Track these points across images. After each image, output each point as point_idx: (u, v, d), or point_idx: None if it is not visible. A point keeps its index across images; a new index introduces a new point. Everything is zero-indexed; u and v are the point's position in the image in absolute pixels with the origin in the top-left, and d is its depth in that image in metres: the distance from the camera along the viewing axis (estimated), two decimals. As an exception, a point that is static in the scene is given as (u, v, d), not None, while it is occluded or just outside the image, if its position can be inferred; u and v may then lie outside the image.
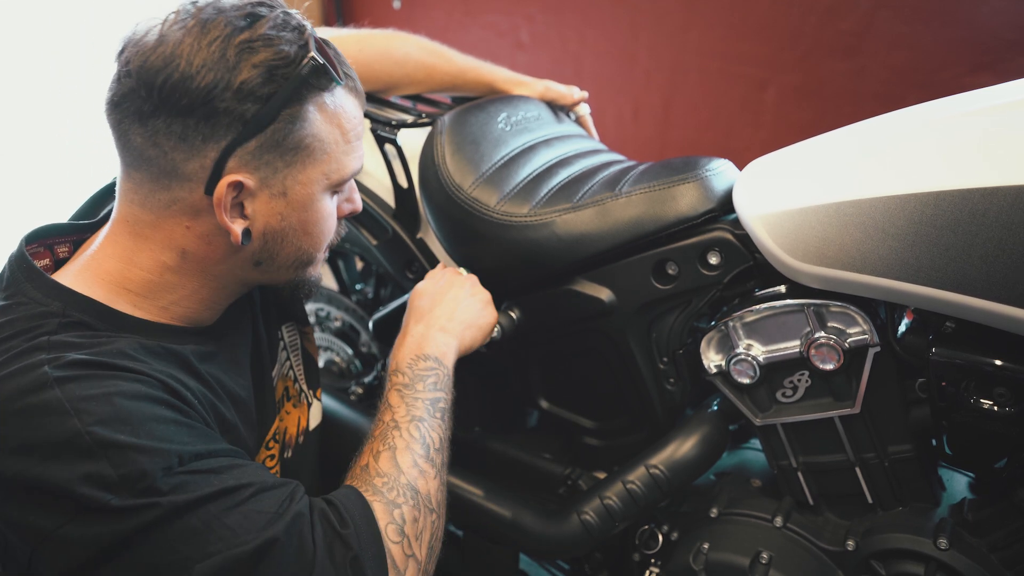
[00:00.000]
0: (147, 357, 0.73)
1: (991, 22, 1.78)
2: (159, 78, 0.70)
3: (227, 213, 0.76)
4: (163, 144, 0.73)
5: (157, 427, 0.67)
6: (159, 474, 0.65)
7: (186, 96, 0.71)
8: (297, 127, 0.76)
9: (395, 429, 0.87)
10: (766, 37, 2.10)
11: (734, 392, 0.97)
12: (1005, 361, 0.77)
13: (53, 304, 0.73)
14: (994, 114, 0.74)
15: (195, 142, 0.73)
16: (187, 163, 0.73)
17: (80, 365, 0.68)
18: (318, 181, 0.80)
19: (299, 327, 1.08)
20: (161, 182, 0.75)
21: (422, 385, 0.92)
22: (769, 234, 0.86)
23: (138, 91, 0.72)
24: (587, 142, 1.27)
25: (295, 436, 1.03)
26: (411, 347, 0.97)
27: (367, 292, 1.61)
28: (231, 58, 0.71)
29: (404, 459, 0.83)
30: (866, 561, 0.90)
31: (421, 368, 0.94)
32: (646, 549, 1.06)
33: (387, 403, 0.91)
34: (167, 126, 0.72)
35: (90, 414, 0.65)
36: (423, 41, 1.26)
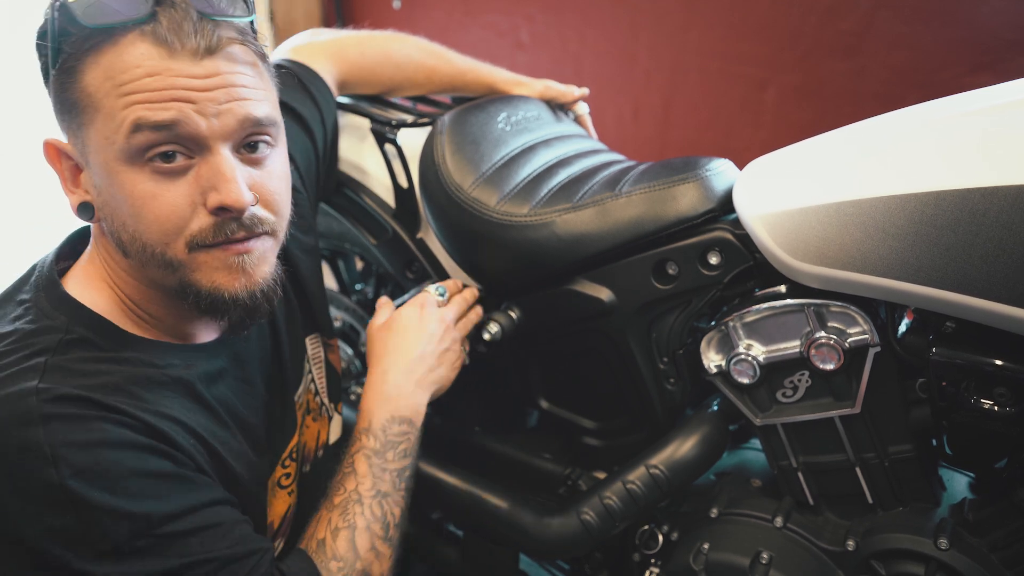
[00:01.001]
0: (145, 391, 0.70)
1: (991, 22, 1.78)
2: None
3: (68, 183, 0.73)
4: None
5: (135, 483, 0.66)
6: (124, 538, 0.64)
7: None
8: (67, 81, 0.68)
9: (358, 503, 0.84)
10: (766, 37, 2.10)
11: (734, 392, 0.97)
12: (1005, 361, 0.77)
13: (59, 318, 0.71)
14: (994, 114, 0.74)
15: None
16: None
17: (70, 402, 0.65)
18: (104, 148, 0.68)
19: (323, 339, 1.06)
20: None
21: (392, 454, 0.89)
22: (769, 234, 0.86)
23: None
24: (587, 142, 1.27)
25: (314, 450, 1.01)
26: (387, 404, 0.93)
27: (367, 292, 1.61)
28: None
29: (362, 541, 0.82)
30: (866, 561, 0.90)
31: (394, 433, 0.91)
32: (646, 549, 1.06)
33: (353, 468, 0.88)
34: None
35: (69, 464, 0.63)
36: (423, 43, 1.26)
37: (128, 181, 0.68)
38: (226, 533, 0.71)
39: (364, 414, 0.93)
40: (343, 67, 1.18)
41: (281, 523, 0.90)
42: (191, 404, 0.75)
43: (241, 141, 0.72)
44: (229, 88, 0.69)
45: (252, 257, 0.74)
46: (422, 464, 1.17)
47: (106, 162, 0.68)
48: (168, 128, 0.67)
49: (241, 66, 0.71)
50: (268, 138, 0.75)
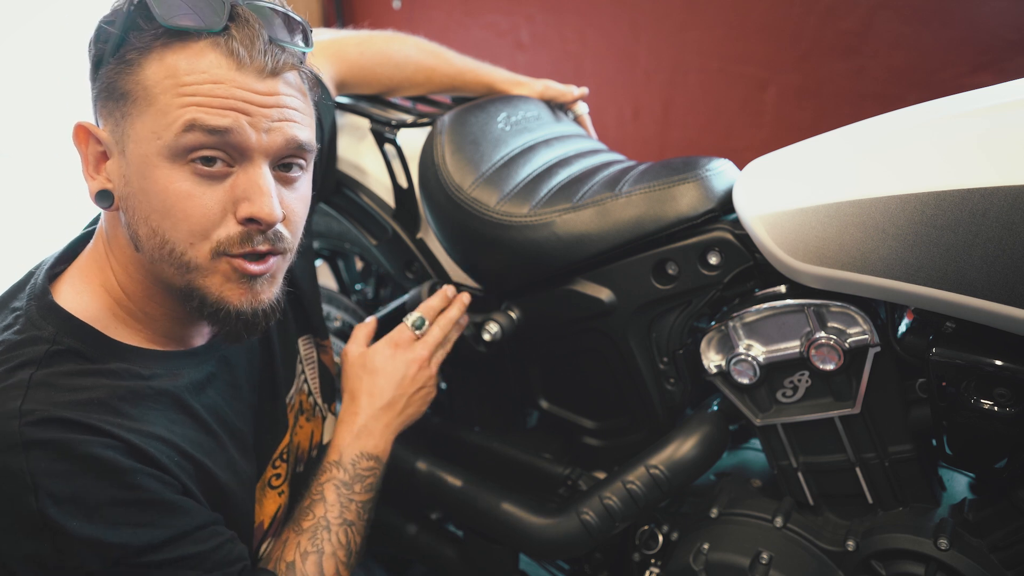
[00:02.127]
0: (130, 407, 0.71)
1: (991, 22, 1.78)
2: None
3: (90, 166, 0.74)
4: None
5: (113, 512, 0.66)
6: (99, 566, 0.65)
7: (90, 44, 0.73)
8: (124, 70, 0.70)
9: (326, 530, 0.89)
10: (766, 37, 2.10)
11: (734, 392, 0.97)
12: (1005, 361, 0.77)
13: (46, 328, 0.71)
14: (994, 114, 0.74)
15: (91, 88, 0.73)
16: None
17: (53, 425, 0.65)
18: (149, 140, 0.69)
19: (316, 340, 1.07)
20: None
21: (360, 487, 0.94)
22: (769, 234, 0.86)
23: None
24: (587, 142, 1.27)
25: (308, 450, 1.02)
26: (356, 439, 0.97)
27: (367, 292, 1.61)
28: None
29: (328, 566, 0.87)
30: (866, 561, 0.90)
31: (363, 468, 0.96)
32: (646, 549, 1.06)
33: (322, 495, 0.92)
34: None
35: (49, 493, 0.63)
36: (422, 43, 1.26)
37: (165, 177, 0.70)
38: (201, 562, 0.72)
39: (335, 448, 0.97)
40: (342, 67, 1.18)
41: (271, 523, 0.91)
42: (177, 416, 0.76)
43: (279, 160, 0.75)
44: (283, 108, 0.73)
45: (264, 277, 0.76)
46: (422, 464, 1.17)
47: (146, 155, 0.70)
48: (220, 134, 0.69)
49: (296, 91, 0.75)
50: (303, 162, 0.78)
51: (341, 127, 1.27)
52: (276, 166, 0.75)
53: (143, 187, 0.71)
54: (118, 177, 0.73)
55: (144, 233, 0.72)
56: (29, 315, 0.72)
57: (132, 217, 0.73)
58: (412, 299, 1.13)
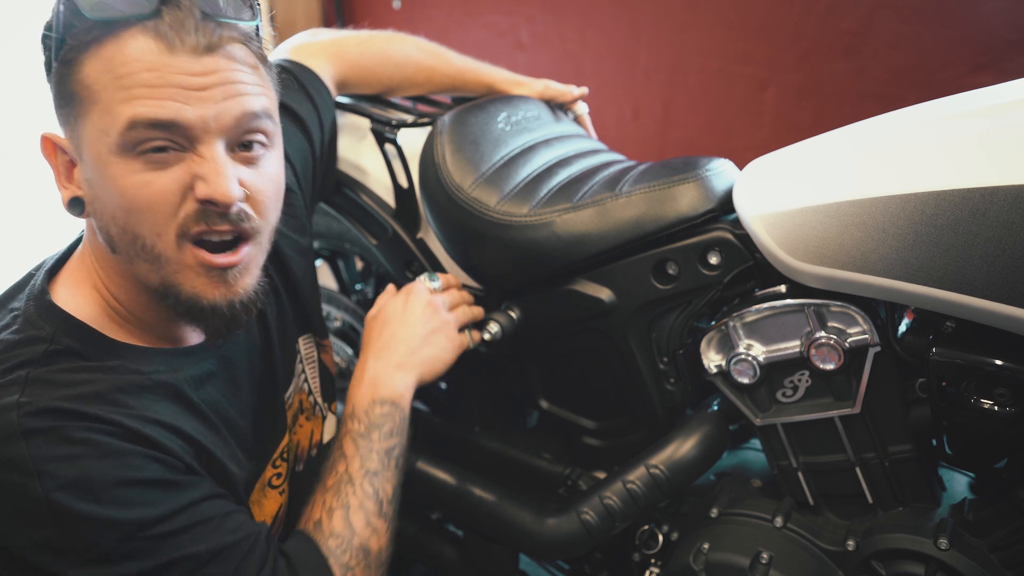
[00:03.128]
0: (130, 397, 0.70)
1: (991, 22, 1.78)
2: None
3: (62, 177, 0.73)
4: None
5: (122, 491, 0.66)
6: (112, 543, 0.65)
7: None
8: (67, 72, 0.68)
9: (349, 483, 0.86)
10: (766, 37, 2.10)
11: (734, 392, 0.97)
12: (1005, 361, 0.77)
13: (44, 328, 0.71)
14: (994, 114, 0.74)
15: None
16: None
17: (52, 414, 0.65)
18: (98, 139, 0.68)
19: (316, 339, 1.07)
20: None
21: (377, 434, 0.91)
22: (769, 234, 0.86)
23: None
24: (587, 142, 1.27)
25: (307, 449, 1.02)
26: (367, 389, 0.95)
27: (367, 292, 1.61)
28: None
29: (357, 519, 0.83)
30: (866, 561, 0.90)
31: (377, 415, 0.92)
32: (646, 549, 1.06)
33: (341, 450, 0.90)
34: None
35: (53, 477, 0.63)
36: (422, 43, 1.26)
37: (120, 172, 0.68)
38: (218, 526, 0.72)
39: (348, 401, 0.96)
40: (342, 67, 1.18)
41: (273, 522, 0.91)
42: (178, 408, 0.75)
43: (237, 139, 0.72)
44: (227, 85, 0.70)
45: (236, 269, 0.74)
46: (422, 464, 1.17)
47: (99, 154, 0.68)
48: (163, 126, 0.67)
49: (240, 64, 0.71)
50: (263, 137, 0.75)
51: (341, 127, 1.27)
52: (235, 147, 0.73)
53: (104, 187, 0.70)
54: (83, 182, 0.72)
55: (115, 233, 0.71)
56: (27, 315, 0.73)
57: (101, 219, 0.72)
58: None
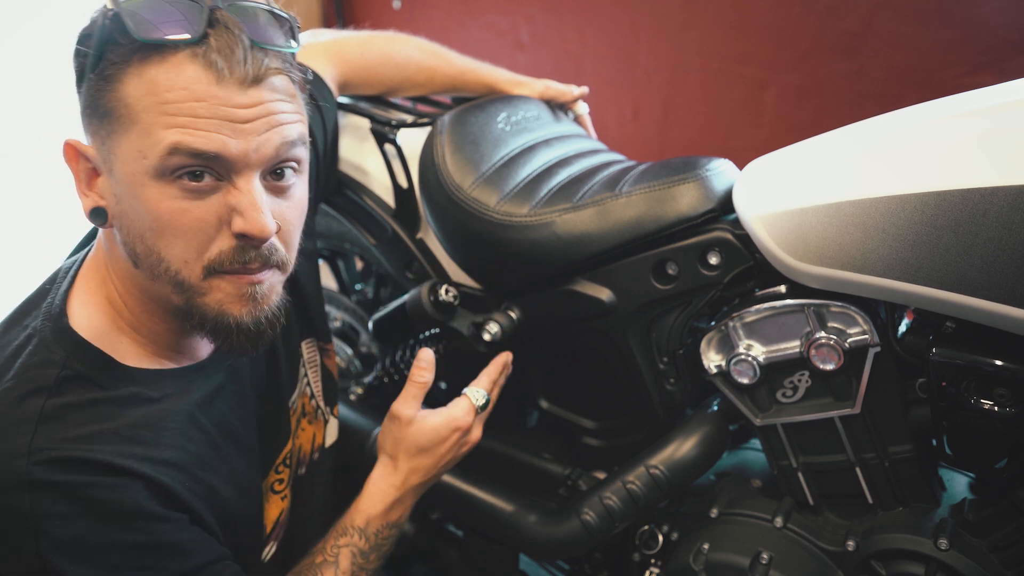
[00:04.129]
0: (144, 432, 0.70)
1: (991, 22, 1.78)
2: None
3: (83, 184, 0.72)
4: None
5: (118, 555, 0.66)
6: None
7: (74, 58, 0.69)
8: (105, 87, 0.67)
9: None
10: (766, 37, 2.10)
11: (734, 392, 0.97)
12: (1005, 361, 0.77)
13: (58, 352, 0.70)
14: (994, 114, 0.74)
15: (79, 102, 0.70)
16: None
17: (61, 467, 0.64)
18: (134, 159, 0.67)
19: (319, 343, 1.06)
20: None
21: (376, 556, 0.91)
22: (769, 234, 0.86)
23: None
24: (587, 142, 1.27)
25: (309, 453, 1.01)
26: (388, 513, 0.92)
27: (367, 292, 1.61)
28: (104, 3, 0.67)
29: None
30: (866, 561, 0.90)
31: (384, 537, 0.92)
32: (646, 549, 1.06)
33: (336, 560, 0.88)
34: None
35: (50, 537, 0.63)
36: (423, 43, 1.26)
37: (155, 196, 0.68)
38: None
39: (362, 513, 0.92)
40: (343, 68, 1.18)
41: (274, 527, 0.91)
42: (192, 433, 0.75)
43: (271, 168, 0.72)
44: (269, 117, 0.69)
45: (262, 288, 0.74)
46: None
47: (133, 174, 0.67)
48: (207, 157, 0.67)
49: (282, 95, 0.71)
50: (295, 164, 0.75)
51: (342, 127, 1.27)
52: (267, 174, 0.73)
53: (134, 206, 0.69)
54: (109, 195, 0.71)
55: (141, 251, 0.71)
56: (43, 337, 0.72)
57: (127, 235, 0.71)
58: (412, 299, 1.13)
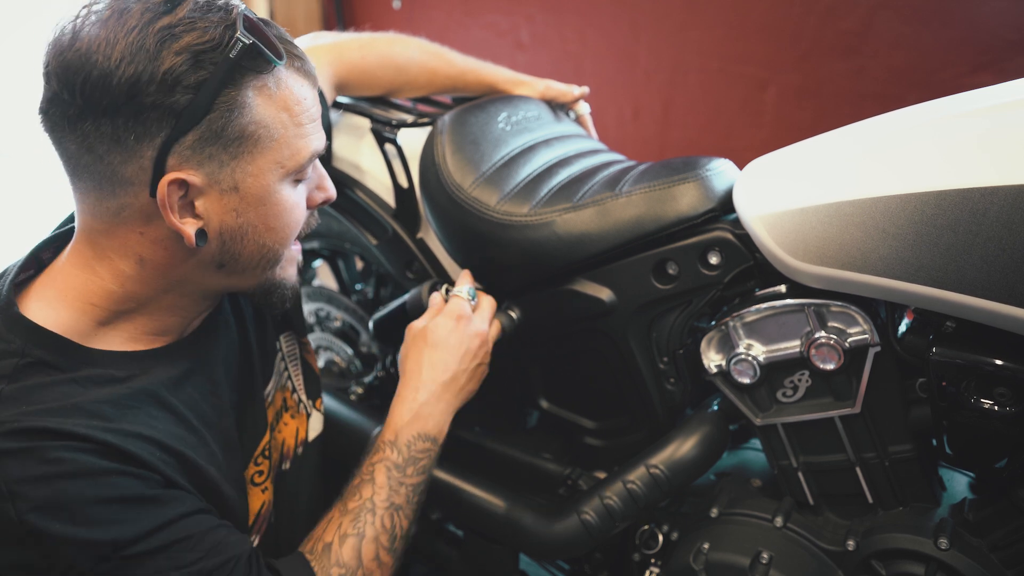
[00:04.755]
0: (109, 408, 0.70)
1: (991, 22, 1.78)
2: (78, 78, 0.65)
3: (176, 214, 0.71)
4: (97, 148, 0.68)
5: (97, 509, 0.65)
6: (89, 564, 0.65)
7: (108, 94, 0.65)
8: (237, 115, 0.70)
9: (370, 512, 0.86)
10: (766, 37, 2.10)
11: (734, 392, 0.97)
12: (1005, 361, 0.77)
13: (14, 341, 0.70)
14: (994, 114, 0.74)
15: (128, 142, 0.67)
16: (125, 166, 0.69)
17: (26, 435, 0.64)
18: (272, 171, 0.74)
19: (297, 337, 1.07)
20: (105, 189, 0.71)
21: (412, 469, 0.91)
22: (769, 234, 0.86)
23: (61, 95, 0.67)
24: (587, 142, 1.27)
25: (293, 447, 1.01)
26: (416, 421, 0.94)
27: (367, 292, 1.61)
28: (151, 47, 0.65)
29: (368, 551, 0.83)
30: (866, 561, 0.90)
31: (419, 450, 0.93)
32: (646, 549, 1.06)
33: (372, 477, 0.89)
34: (96, 128, 0.67)
35: (27, 499, 0.63)
36: (424, 44, 1.26)
37: (284, 199, 0.77)
38: (196, 544, 0.71)
39: (391, 427, 0.94)
40: (342, 69, 1.18)
41: (256, 519, 0.91)
42: (157, 412, 0.75)
43: None
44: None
45: (301, 252, 0.89)
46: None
47: (267, 184, 0.75)
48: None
49: None
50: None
51: (341, 127, 1.27)
52: None
53: (261, 212, 0.76)
54: (224, 213, 0.74)
55: (249, 251, 0.78)
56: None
57: (237, 243, 0.76)
58: (412, 299, 1.13)
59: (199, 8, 0.68)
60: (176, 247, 0.75)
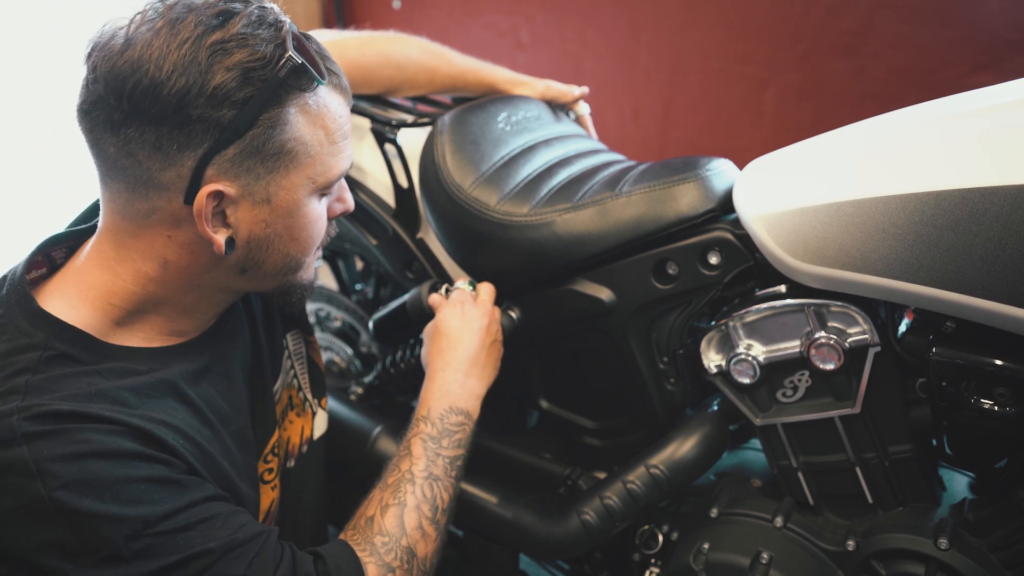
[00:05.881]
0: (130, 396, 0.71)
1: (991, 22, 1.78)
2: (127, 85, 0.66)
3: (208, 223, 0.72)
4: (137, 153, 0.69)
5: (126, 488, 0.66)
6: (122, 541, 0.64)
7: (157, 103, 0.66)
8: (278, 132, 0.72)
9: (410, 483, 0.86)
10: (766, 37, 2.10)
11: (734, 392, 0.97)
12: (1005, 361, 0.77)
13: (36, 335, 0.71)
14: (994, 114, 0.74)
15: (170, 151, 0.69)
16: (163, 172, 0.70)
17: (52, 418, 0.65)
18: (304, 185, 0.76)
19: (304, 336, 1.07)
20: (139, 191, 0.72)
21: (448, 441, 0.92)
22: (769, 234, 0.86)
23: (107, 99, 0.68)
24: (587, 142, 1.27)
25: (298, 445, 1.02)
26: (446, 396, 0.96)
27: (367, 292, 1.61)
28: (203, 61, 0.66)
29: (410, 519, 0.83)
30: (866, 561, 0.90)
31: (452, 423, 0.94)
32: (646, 549, 1.06)
33: (408, 450, 0.90)
34: (140, 135, 0.68)
35: (56, 477, 0.63)
36: (424, 43, 1.25)
37: (311, 212, 0.79)
38: (224, 522, 0.72)
39: (423, 403, 0.96)
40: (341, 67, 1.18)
41: (265, 517, 0.91)
42: (176, 404, 0.76)
43: None
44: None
45: (320, 257, 0.91)
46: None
47: (298, 198, 0.77)
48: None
49: None
50: None
51: (341, 127, 1.27)
52: None
53: (289, 225, 0.78)
54: (254, 223, 0.76)
55: (274, 260, 0.80)
56: (16, 323, 0.72)
57: (263, 253, 0.78)
58: (412, 299, 1.13)
59: (251, 24, 0.69)
60: (201, 252, 0.76)
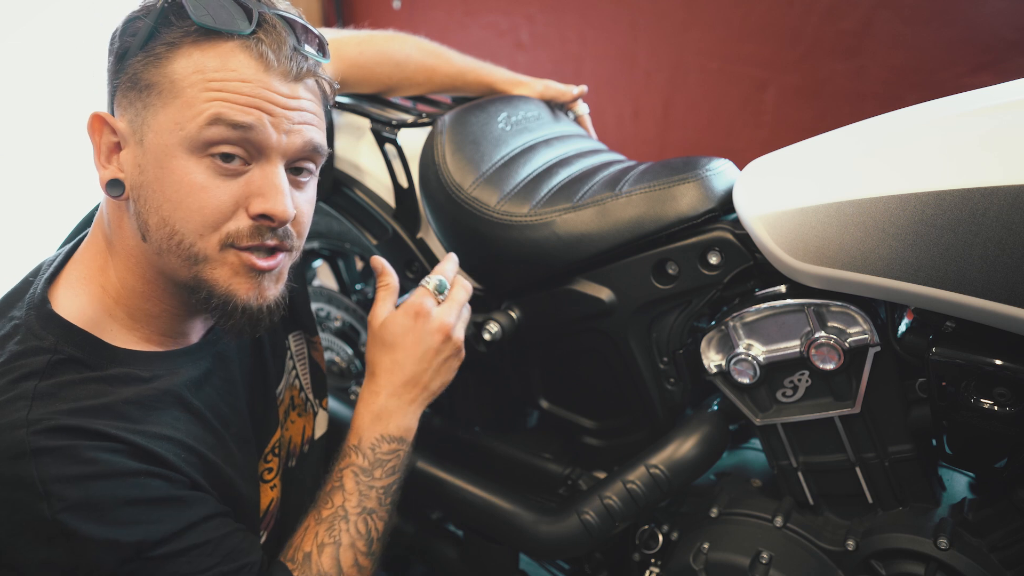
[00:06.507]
0: (135, 410, 0.72)
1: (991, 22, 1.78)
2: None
3: (101, 156, 0.76)
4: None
5: (125, 511, 0.68)
6: (114, 565, 0.67)
7: (111, 40, 0.75)
8: (152, 63, 0.72)
9: (343, 520, 0.87)
10: (766, 37, 2.10)
11: (734, 392, 0.97)
12: (1005, 361, 0.77)
13: (47, 338, 0.72)
14: (994, 114, 0.74)
15: (109, 80, 0.76)
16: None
17: (60, 433, 0.67)
18: (171, 131, 0.71)
19: (307, 336, 1.07)
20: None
21: (380, 471, 0.90)
22: (769, 234, 0.86)
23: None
24: (587, 142, 1.27)
25: (300, 445, 1.02)
26: (378, 423, 0.92)
27: (367, 292, 1.61)
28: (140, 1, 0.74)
29: (346, 558, 0.85)
30: (866, 561, 0.90)
31: (384, 452, 0.92)
32: (646, 549, 1.06)
33: (341, 483, 0.89)
34: (107, 82, 0.76)
35: (61, 499, 0.65)
36: (423, 42, 1.25)
37: (181, 168, 0.72)
38: (214, 550, 0.74)
39: (355, 431, 0.93)
40: (340, 65, 1.18)
41: (264, 515, 0.92)
42: (180, 414, 0.77)
43: (292, 163, 0.78)
44: (303, 112, 0.77)
45: (272, 274, 0.78)
46: (422, 464, 1.17)
47: (166, 145, 0.72)
48: (243, 129, 0.72)
49: (313, 97, 0.79)
50: (312, 166, 0.81)
51: (341, 127, 1.26)
52: (288, 168, 0.78)
53: (159, 176, 0.72)
54: (132, 167, 0.74)
55: (154, 223, 0.74)
56: (29, 325, 0.74)
57: (143, 206, 0.74)
58: (412, 299, 1.13)
59: None
60: (125, 221, 0.77)
